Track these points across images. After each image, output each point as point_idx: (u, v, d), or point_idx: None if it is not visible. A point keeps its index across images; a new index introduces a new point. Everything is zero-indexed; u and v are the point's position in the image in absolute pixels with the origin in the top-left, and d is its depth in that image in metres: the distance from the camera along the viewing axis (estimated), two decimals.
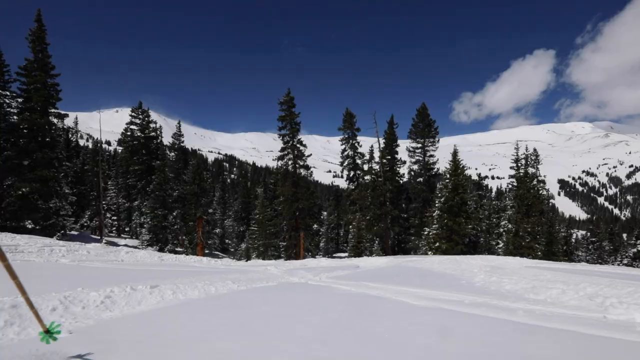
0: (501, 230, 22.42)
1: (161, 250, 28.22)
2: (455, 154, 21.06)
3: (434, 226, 20.46)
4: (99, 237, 26.16)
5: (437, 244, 19.63)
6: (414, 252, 29.62)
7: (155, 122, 37.44)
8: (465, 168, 20.79)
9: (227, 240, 50.04)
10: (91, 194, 30.49)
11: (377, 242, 25.29)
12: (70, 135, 37.44)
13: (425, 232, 24.14)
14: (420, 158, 33.71)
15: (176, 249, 31.11)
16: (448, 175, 20.98)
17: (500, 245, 21.86)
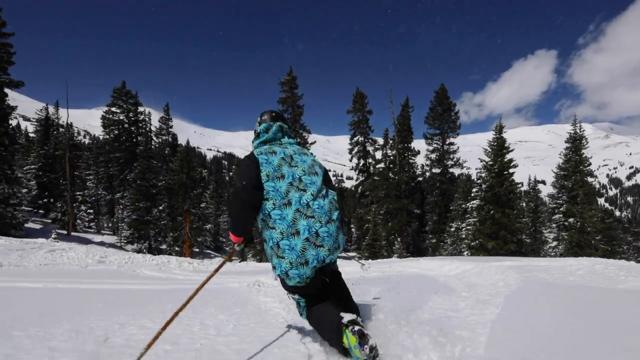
0: (553, 225, 18.63)
1: (139, 250, 24.32)
2: (500, 129, 17.13)
3: (471, 219, 16.58)
4: (66, 232, 22.26)
5: (477, 242, 15.73)
6: (435, 252, 25.78)
7: (145, 110, 33.47)
8: (510, 148, 16.84)
9: (222, 238, 46.12)
10: (63, 183, 26.58)
11: (398, 240, 21.54)
12: (54, 125, 33.11)
13: (452, 229, 20.29)
14: (439, 146, 29.90)
15: (160, 247, 27.22)
16: (488, 157, 17.05)
17: (552, 245, 17.98)
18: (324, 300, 1.90)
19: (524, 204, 22.11)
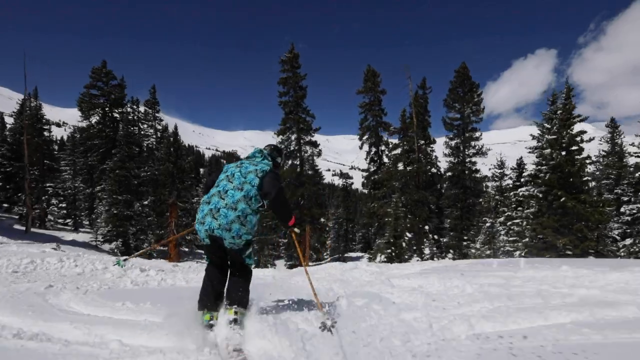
0: (626, 219, 15.14)
1: (113, 251, 20.82)
2: (568, 92, 13.50)
3: (526, 211, 12.91)
4: (25, 229, 18.74)
5: (537, 239, 12.07)
6: (456, 253, 22.33)
7: (133, 98, 29.87)
8: (582, 116, 13.19)
9: None
10: (30, 172, 23.05)
11: (431, 238, 18.07)
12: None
13: (486, 224, 16.88)
14: (459, 132, 26.49)
15: (142, 246, 23.67)
16: (540, 132, 13.51)
17: (626, 243, 14.44)
18: (223, 272, 2.58)
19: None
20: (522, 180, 14.80)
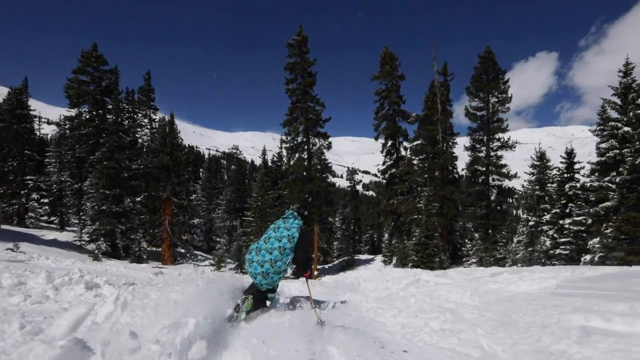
0: None
1: (95, 254, 18.33)
2: None
3: (600, 205, 10.30)
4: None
5: (619, 241, 9.57)
6: (485, 257, 19.85)
7: (128, 88, 27.48)
8: None
9: (217, 238, 40.15)
10: (8, 165, 20.61)
11: (477, 239, 15.51)
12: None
13: (529, 222, 14.42)
14: (483, 122, 24.14)
15: (131, 246, 21.22)
16: (621, 105, 11.07)
17: None
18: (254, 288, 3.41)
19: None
20: (582, 170, 12.42)
